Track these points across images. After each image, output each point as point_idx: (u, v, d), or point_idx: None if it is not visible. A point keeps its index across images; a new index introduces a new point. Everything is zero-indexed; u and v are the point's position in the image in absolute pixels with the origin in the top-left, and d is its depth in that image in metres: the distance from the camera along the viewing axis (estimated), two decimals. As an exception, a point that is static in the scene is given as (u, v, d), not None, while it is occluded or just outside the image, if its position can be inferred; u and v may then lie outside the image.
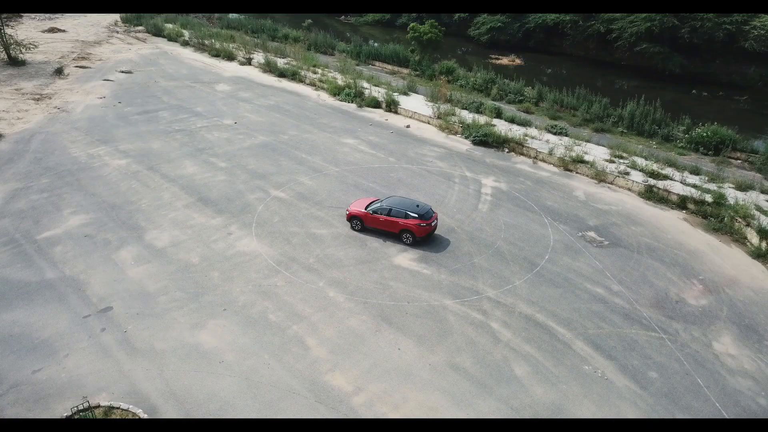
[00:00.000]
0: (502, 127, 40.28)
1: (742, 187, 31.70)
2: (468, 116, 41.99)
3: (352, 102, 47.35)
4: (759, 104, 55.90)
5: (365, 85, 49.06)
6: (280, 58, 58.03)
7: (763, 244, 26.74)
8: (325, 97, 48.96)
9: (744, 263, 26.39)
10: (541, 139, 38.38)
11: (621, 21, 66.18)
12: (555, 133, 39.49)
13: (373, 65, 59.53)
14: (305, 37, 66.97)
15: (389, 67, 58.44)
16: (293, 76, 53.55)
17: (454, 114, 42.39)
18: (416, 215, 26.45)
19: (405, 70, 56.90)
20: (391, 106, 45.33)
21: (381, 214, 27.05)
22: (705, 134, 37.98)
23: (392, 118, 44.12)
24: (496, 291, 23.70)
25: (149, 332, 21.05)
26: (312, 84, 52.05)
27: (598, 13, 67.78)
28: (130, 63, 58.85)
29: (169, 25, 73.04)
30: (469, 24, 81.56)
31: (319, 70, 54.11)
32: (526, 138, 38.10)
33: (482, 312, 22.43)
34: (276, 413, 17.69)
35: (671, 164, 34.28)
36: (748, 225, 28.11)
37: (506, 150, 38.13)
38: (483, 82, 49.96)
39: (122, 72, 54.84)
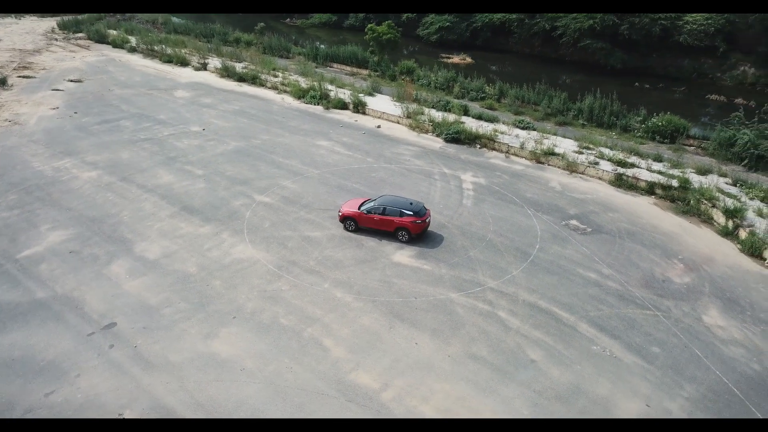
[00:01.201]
0: (470, 124, 41.37)
1: (702, 171, 33.99)
2: (437, 115, 42.86)
3: (317, 104, 47.33)
4: (694, 94, 59.74)
5: (330, 87, 49.14)
6: (236, 62, 57.13)
7: (730, 224, 28.82)
8: (289, 101, 48.69)
9: (715, 242, 28.37)
10: (510, 134, 39.69)
11: (565, 18, 68.97)
12: (522, 128, 40.95)
13: (330, 67, 59.58)
14: (258, 41, 66.17)
15: (348, 68, 58.66)
16: (253, 80, 52.89)
17: (422, 113, 43.15)
18: (411, 213, 26.95)
19: (364, 71, 57.27)
20: (359, 107, 45.63)
21: (375, 214, 27.38)
22: (660, 123, 40.36)
23: (361, 119, 44.45)
24: (497, 281, 24.52)
25: (160, 345, 20.58)
26: (274, 88, 51.60)
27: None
28: (78, 71, 56.44)
29: (113, 32, 70.43)
30: (417, 24, 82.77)
31: (280, 74, 53.70)
32: (497, 134, 39.32)
33: (488, 302, 23.18)
34: (308, 416, 17.76)
35: (635, 153, 36.30)
36: (713, 206, 30.19)
37: (478, 146, 39.22)
38: (444, 80, 51.04)
39: (71, 81, 52.57)
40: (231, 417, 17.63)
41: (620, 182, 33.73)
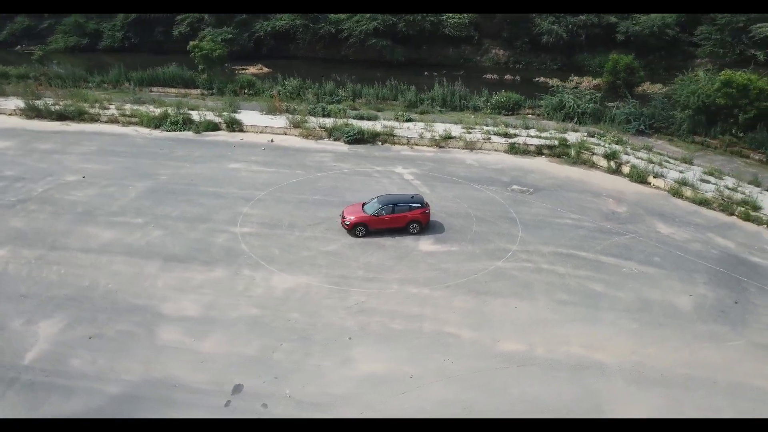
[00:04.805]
0: (356, 124, 43.61)
1: (562, 131, 42.79)
2: (325, 121, 44.03)
3: (183, 130, 43.81)
4: (471, 75, 71.29)
5: (187, 111, 45.71)
6: (36, 99, 48.14)
7: (612, 164, 37.68)
8: (146, 132, 43.83)
9: (611, 179, 36.77)
10: (401, 128, 43.36)
11: (348, 21, 74.45)
12: (405, 121, 44.94)
13: (151, 91, 54.39)
14: (38, 72, 56.35)
15: (173, 90, 54.40)
16: (80, 116, 45.80)
17: (306, 121, 43.87)
18: (419, 205, 29.00)
19: (195, 91, 53.97)
20: (234, 126, 43.94)
21: (386, 214, 28.62)
22: (503, 100, 48.59)
23: (246, 137, 42.93)
24: (515, 245, 28.48)
25: (312, 386, 19.52)
26: (113, 121, 45.54)
27: (330, 15, 74.77)
28: None
29: None
30: (193, 38, 79.12)
31: (112, 105, 47.48)
32: (391, 129, 42.58)
33: (527, 261, 27.06)
34: (507, 388, 19.56)
35: (509, 125, 43.49)
36: (593, 154, 38.83)
37: (380, 143, 41.99)
38: (293, 89, 51.84)
39: None
40: (452, 416, 18.33)
41: (515, 150, 40.42)
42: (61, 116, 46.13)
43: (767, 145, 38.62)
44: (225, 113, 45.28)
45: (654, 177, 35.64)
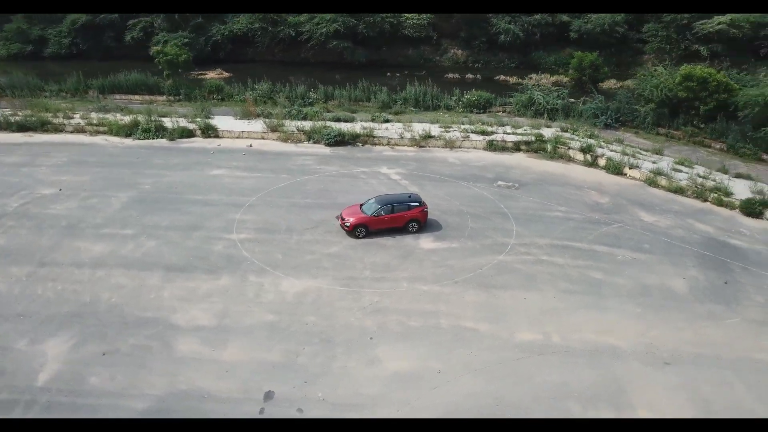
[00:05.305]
0: (335, 126, 43.51)
1: (536, 126, 44.05)
2: (303, 124, 43.78)
3: (156, 137, 42.61)
4: (432, 74, 72.14)
5: (158, 118, 44.45)
6: (-10, 110, 45.87)
7: (588, 157, 39.13)
8: (117, 140, 42.38)
9: (589, 172, 38.21)
10: (380, 129, 43.61)
11: (309, 24, 74.04)
12: (383, 122, 45.21)
13: (115, 99, 52.52)
14: (-12, 82, 53.53)
15: (137, 97, 52.72)
16: (43, 126, 43.82)
17: (284, 125, 43.53)
18: (417, 203, 29.36)
19: (161, 98, 52.53)
20: (209, 132, 43.08)
21: (385, 214, 28.83)
22: (474, 98, 49.57)
23: (223, 142, 42.16)
24: (512, 238, 29.25)
25: (343, 388, 19.58)
26: (79, 131, 43.79)
27: (289, 18, 74.23)
28: None
29: None
30: (147, 43, 76.85)
31: (76, 115, 45.65)
32: (372, 130, 42.78)
33: (526, 254, 27.86)
34: (532, 377, 20.15)
35: (485, 123, 44.42)
36: (569, 149, 40.20)
37: (360, 144, 42.11)
38: (264, 93, 51.24)
39: None
40: (484, 408, 18.76)
41: (493, 147, 41.37)
42: (22, 127, 43.98)
43: (727, 135, 41.03)
44: (198, 119, 44.40)
45: (630, 168, 37.28)
